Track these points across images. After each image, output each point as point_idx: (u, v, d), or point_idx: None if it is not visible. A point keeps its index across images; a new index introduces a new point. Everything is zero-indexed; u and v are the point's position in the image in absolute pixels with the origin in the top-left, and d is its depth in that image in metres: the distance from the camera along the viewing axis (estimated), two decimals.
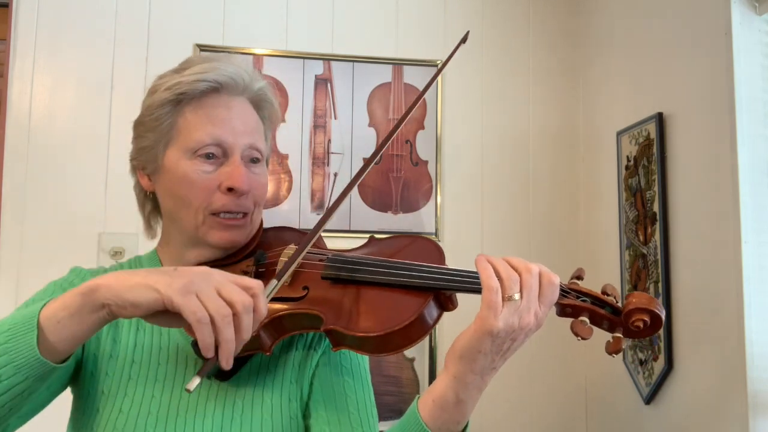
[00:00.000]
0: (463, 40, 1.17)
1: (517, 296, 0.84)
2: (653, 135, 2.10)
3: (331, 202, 2.44)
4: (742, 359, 1.71)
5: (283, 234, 1.11)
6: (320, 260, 0.99)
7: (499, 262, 0.86)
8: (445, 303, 0.93)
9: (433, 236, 2.47)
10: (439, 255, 0.98)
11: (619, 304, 0.91)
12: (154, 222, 1.14)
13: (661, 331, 2.01)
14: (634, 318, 0.89)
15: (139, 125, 1.08)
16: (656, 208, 2.07)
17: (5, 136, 2.26)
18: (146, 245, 1.20)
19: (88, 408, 0.98)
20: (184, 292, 0.78)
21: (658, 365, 2.02)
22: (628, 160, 2.25)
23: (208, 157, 1.00)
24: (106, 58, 2.36)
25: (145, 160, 1.07)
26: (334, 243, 1.15)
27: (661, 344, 2.01)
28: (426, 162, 2.51)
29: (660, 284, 2.03)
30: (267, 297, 0.84)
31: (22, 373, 0.79)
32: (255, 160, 1.04)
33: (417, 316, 0.88)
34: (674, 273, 2.01)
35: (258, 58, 2.44)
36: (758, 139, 1.79)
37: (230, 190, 0.99)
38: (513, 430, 2.47)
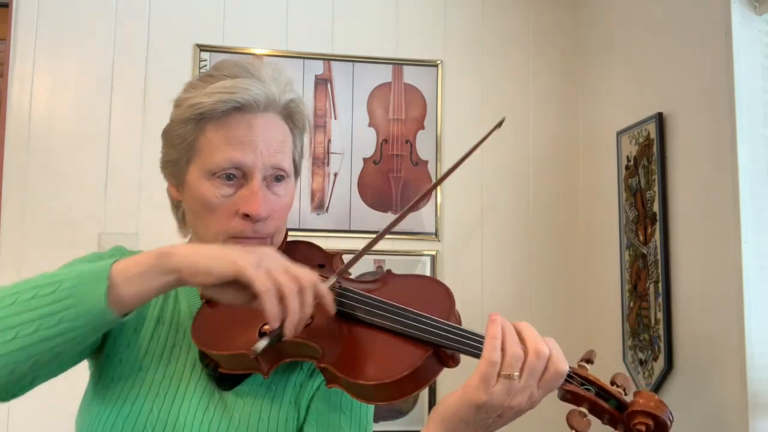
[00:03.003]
0: (499, 125, 1.13)
1: (516, 374, 0.81)
2: (653, 135, 2.10)
3: (331, 203, 2.44)
4: (742, 359, 1.71)
5: (306, 252, 1.08)
6: (330, 288, 0.96)
7: (509, 333, 0.83)
8: (446, 360, 0.90)
9: (433, 236, 2.47)
10: (449, 305, 0.93)
11: (627, 398, 0.85)
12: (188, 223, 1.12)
13: (661, 331, 2.01)
14: (636, 420, 0.83)
15: (165, 138, 1.05)
16: (656, 208, 2.07)
17: (5, 136, 2.26)
18: (146, 245, 1.20)
19: (99, 388, 0.99)
20: (256, 265, 0.82)
21: (658, 365, 2.02)
22: (628, 160, 2.25)
23: (228, 178, 0.97)
24: (106, 58, 2.36)
25: (171, 173, 1.05)
26: (335, 243, 1.15)
27: (661, 344, 2.01)
28: (426, 162, 2.51)
29: (660, 284, 2.03)
30: (329, 287, 0.89)
31: (82, 318, 0.81)
32: (279, 178, 1.01)
33: (411, 371, 0.85)
34: (674, 273, 2.01)
35: (258, 59, 2.44)
36: (758, 139, 1.79)
37: (247, 215, 0.97)
38: (513, 428, 2.47)
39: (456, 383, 0.93)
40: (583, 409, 0.84)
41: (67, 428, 1.08)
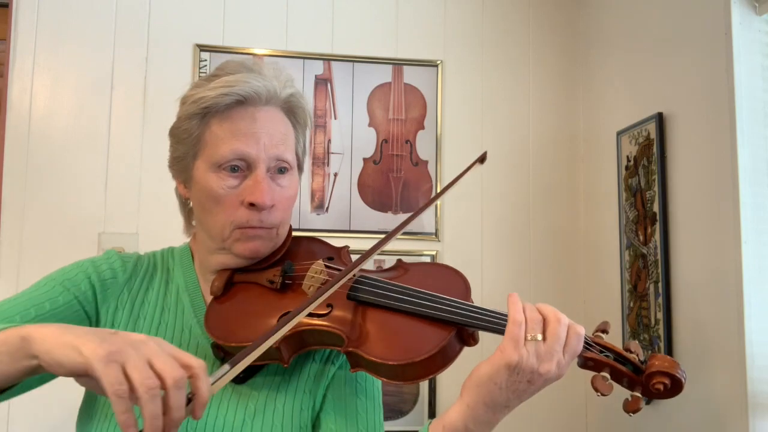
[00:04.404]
0: (481, 160, 1.18)
1: (539, 337, 0.87)
2: (653, 135, 2.10)
3: (331, 203, 2.44)
4: (742, 359, 1.71)
5: (313, 246, 1.10)
6: (347, 279, 0.98)
7: (528, 305, 0.90)
8: (467, 339, 0.94)
9: (433, 236, 2.47)
10: (465, 289, 0.98)
11: (641, 362, 0.92)
12: (195, 220, 1.13)
13: (661, 331, 2.01)
14: (655, 380, 0.90)
15: (171, 135, 1.07)
16: (656, 208, 2.07)
17: (5, 136, 2.26)
18: (146, 245, 1.20)
19: (99, 407, 0.98)
20: (107, 360, 0.71)
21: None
22: (628, 160, 2.25)
23: (233, 170, 1.00)
24: (106, 58, 2.36)
25: (178, 170, 1.07)
26: (335, 243, 1.14)
27: (661, 344, 2.01)
28: (426, 162, 2.51)
29: (660, 284, 2.03)
30: (214, 382, 0.77)
31: None
32: (282, 170, 1.03)
33: (438, 350, 0.89)
34: (674, 273, 2.01)
35: (258, 58, 2.44)
36: (758, 139, 1.79)
37: (252, 205, 0.99)
38: (513, 430, 2.47)
39: (456, 380, 0.94)
40: (605, 374, 0.91)
41: (67, 426, 1.08)
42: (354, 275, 0.99)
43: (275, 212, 1.01)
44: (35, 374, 0.79)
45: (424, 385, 2.41)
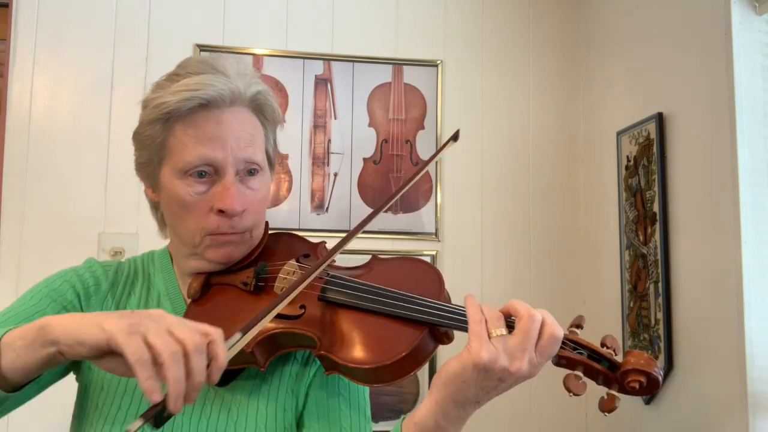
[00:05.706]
0: (454, 138, 1.13)
1: (503, 332, 0.84)
2: (653, 135, 2.10)
3: (331, 203, 2.44)
4: (742, 359, 1.71)
5: (291, 243, 1.08)
6: (319, 278, 0.96)
7: (485, 305, 0.87)
8: (440, 337, 0.92)
9: (433, 236, 2.47)
10: (439, 284, 0.96)
11: (617, 359, 0.89)
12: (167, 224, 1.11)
13: (661, 331, 2.02)
14: (630, 378, 0.87)
15: (135, 140, 1.05)
16: (656, 208, 2.07)
17: (5, 136, 2.27)
18: (146, 245, 1.20)
19: (89, 400, 0.98)
20: (128, 332, 0.73)
21: (658, 365, 2.02)
22: (628, 160, 2.25)
23: (201, 175, 0.96)
24: (106, 58, 2.36)
25: (145, 175, 1.05)
26: (334, 244, 1.14)
27: (661, 344, 2.01)
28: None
29: (660, 284, 2.03)
30: (229, 348, 0.80)
31: None
32: (252, 172, 1.00)
33: (410, 351, 0.87)
34: (674, 273, 2.01)
35: (258, 58, 2.44)
36: (758, 139, 1.79)
37: (222, 211, 0.96)
38: (514, 429, 2.47)
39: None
40: (578, 373, 0.88)
41: (65, 428, 1.08)
42: (328, 273, 0.98)
43: (247, 216, 0.99)
44: (52, 365, 0.80)
45: (423, 385, 2.41)
